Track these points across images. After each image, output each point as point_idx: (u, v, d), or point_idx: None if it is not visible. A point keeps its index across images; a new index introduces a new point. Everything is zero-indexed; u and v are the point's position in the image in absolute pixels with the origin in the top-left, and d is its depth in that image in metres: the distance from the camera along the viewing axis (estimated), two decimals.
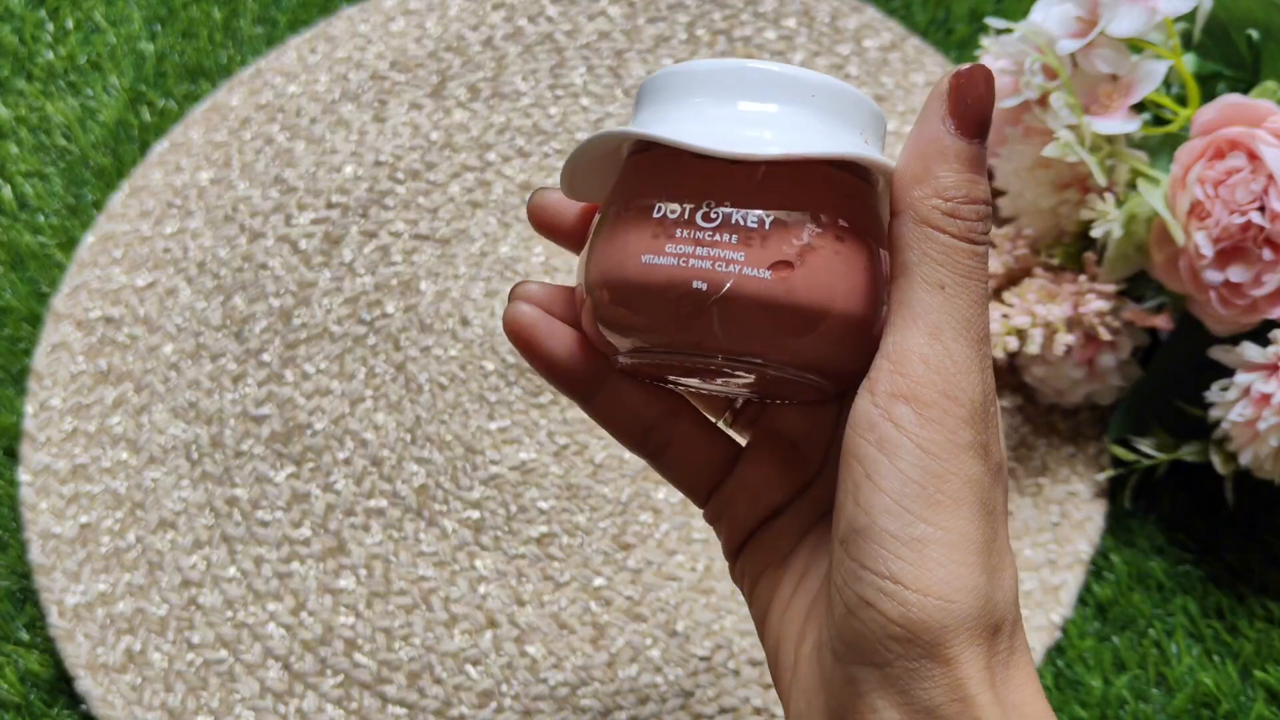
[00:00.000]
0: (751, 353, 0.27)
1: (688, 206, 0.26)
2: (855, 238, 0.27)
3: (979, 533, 0.26)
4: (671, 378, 0.30)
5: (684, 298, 0.26)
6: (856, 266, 0.27)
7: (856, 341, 0.27)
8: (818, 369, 0.27)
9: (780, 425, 0.33)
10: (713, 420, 0.34)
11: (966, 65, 0.27)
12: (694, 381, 0.30)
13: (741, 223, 0.26)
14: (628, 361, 0.29)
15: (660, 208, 0.27)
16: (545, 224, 0.32)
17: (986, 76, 0.27)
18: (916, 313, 0.26)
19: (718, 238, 0.26)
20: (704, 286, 0.26)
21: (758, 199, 0.26)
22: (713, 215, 0.26)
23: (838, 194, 0.27)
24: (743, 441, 0.34)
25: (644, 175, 0.28)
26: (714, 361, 0.27)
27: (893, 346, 0.26)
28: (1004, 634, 0.27)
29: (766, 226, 0.26)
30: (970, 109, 0.26)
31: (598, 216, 0.29)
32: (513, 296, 0.31)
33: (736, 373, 0.28)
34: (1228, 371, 0.50)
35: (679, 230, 0.26)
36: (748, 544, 0.33)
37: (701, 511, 0.34)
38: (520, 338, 0.30)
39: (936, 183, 0.26)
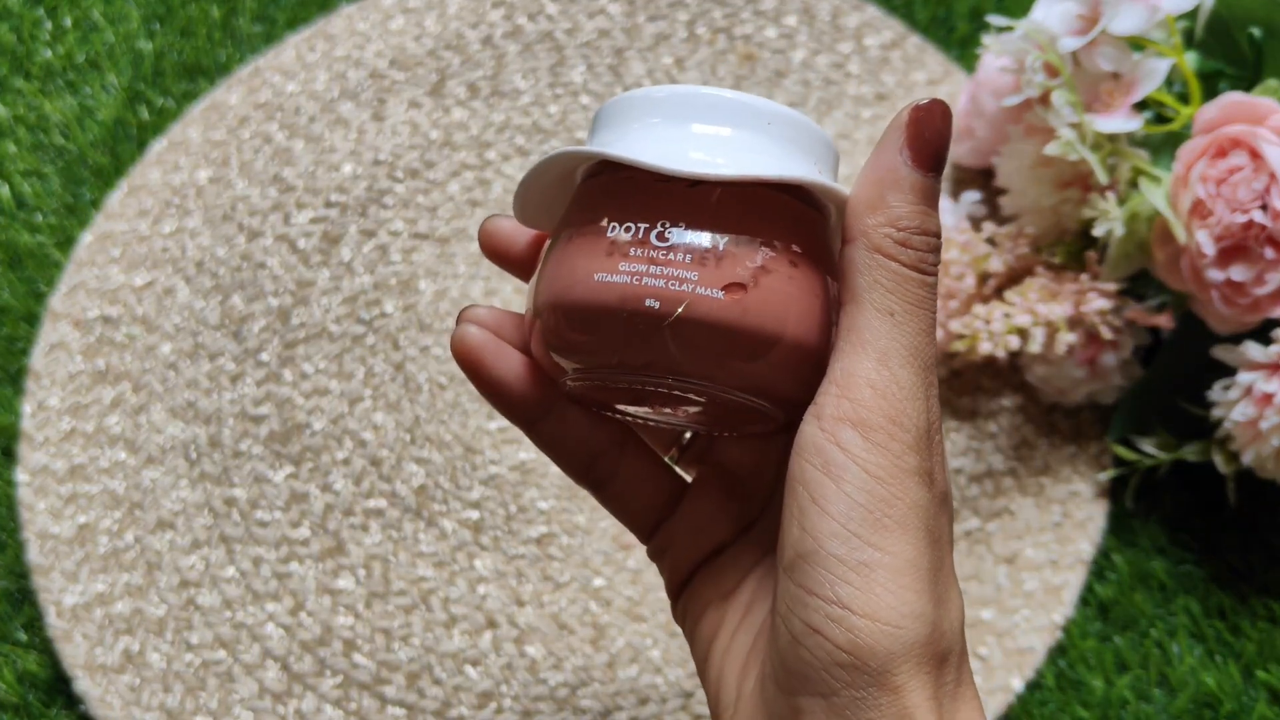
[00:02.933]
0: (703, 375, 0.26)
1: (642, 226, 0.26)
2: (809, 264, 0.27)
3: (925, 559, 0.26)
4: (619, 406, 0.30)
5: (636, 315, 0.26)
6: (809, 293, 0.27)
7: (807, 369, 0.27)
8: (768, 394, 0.27)
9: (727, 461, 0.33)
10: (660, 455, 0.34)
11: (926, 100, 0.27)
12: (642, 410, 0.30)
13: (696, 243, 0.26)
14: (576, 384, 0.29)
15: (615, 227, 0.27)
16: (496, 252, 0.32)
17: (944, 112, 0.27)
18: (865, 338, 0.26)
19: (672, 257, 0.26)
20: (656, 305, 0.26)
21: (712, 221, 0.26)
22: (667, 235, 0.26)
23: (791, 220, 0.27)
24: (689, 478, 0.34)
25: (599, 197, 0.28)
26: (664, 383, 0.27)
27: (840, 372, 0.26)
28: (951, 665, 0.26)
29: (720, 248, 0.26)
30: (928, 143, 0.27)
31: (549, 241, 0.29)
32: (460, 319, 0.30)
33: (687, 397, 0.28)
34: (1230, 371, 0.50)
35: (633, 249, 0.26)
36: (691, 581, 0.32)
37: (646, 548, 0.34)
38: (467, 360, 0.30)
39: (890, 211, 0.26)
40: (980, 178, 0.61)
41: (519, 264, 0.32)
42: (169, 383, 0.59)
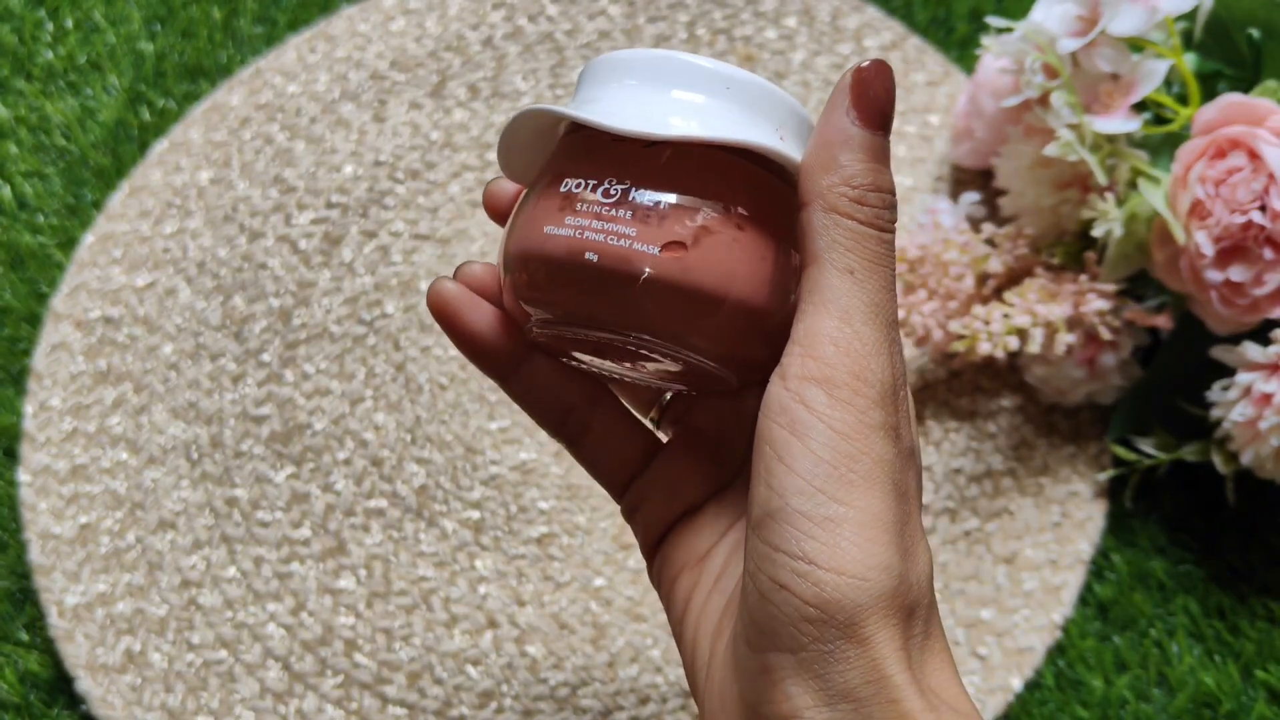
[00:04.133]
0: (648, 330, 0.27)
1: (591, 182, 0.27)
2: (757, 228, 0.27)
3: (891, 513, 0.26)
4: (584, 357, 0.31)
5: (578, 269, 0.27)
6: (756, 256, 0.27)
7: (754, 330, 0.27)
8: (713, 355, 0.28)
9: (702, 424, 0.33)
10: (638, 415, 0.34)
11: (868, 60, 0.27)
12: (608, 364, 0.31)
13: (639, 200, 0.27)
14: (539, 332, 0.29)
15: (568, 183, 0.27)
16: (498, 211, 0.33)
17: (886, 70, 0.27)
18: (826, 298, 0.27)
19: (615, 213, 0.27)
20: (595, 258, 0.26)
21: (658, 180, 0.27)
22: (613, 191, 0.27)
23: (743, 184, 0.28)
24: (665, 439, 0.34)
25: (567, 154, 0.29)
26: (617, 338, 0.28)
27: (803, 332, 0.27)
28: (919, 617, 0.27)
29: (663, 206, 0.27)
30: (873, 100, 0.27)
31: (523, 195, 0.30)
32: (455, 275, 0.31)
33: (642, 353, 0.28)
34: (1229, 371, 0.50)
35: (580, 204, 0.27)
36: (664, 542, 0.33)
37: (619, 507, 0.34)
38: (441, 312, 0.31)
39: (843, 171, 0.27)
40: (979, 178, 0.61)
41: None
42: (170, 383, 0.59)
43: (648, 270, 0.26)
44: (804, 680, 0.25)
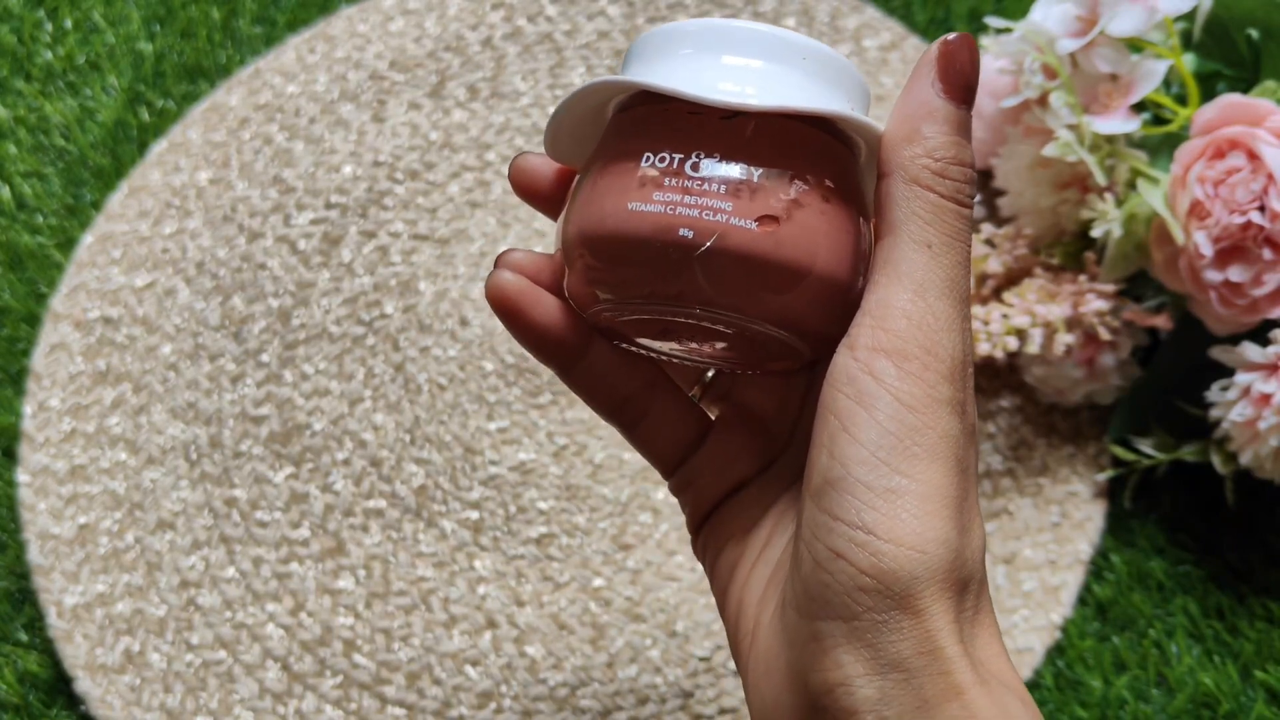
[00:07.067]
0: (733, 306, 0.27)
1: (677, 156, 0.26)
2: (840, 200, 0.27)
3: (953, 488, 0.26)
4: (645, 341, 0.30)
5: (670, 245, 0.26)
6: (840, 228, 0.27)
7: (834, 303, 0.27)
8: (795, 327, 0.27)
9: (750, 401, 0.33)
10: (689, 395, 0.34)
11: (953, 34, 0.27)
12: (669, 345, 0.30)
13: (730, 174, 0.26)
14: (606, 316, 0.29)
15: (649, 157, 0.27)
16: (526, 187, 0.32)
17: (972, 44, 0.27)
18: (902, 270, 0.27)
19: (706, 187, 0.26)
20: (690, 234, 0.26)
21: (747, 153, 0.26)
22: (701, 165, 0.26)
23: (824, 155, 0.27)
24: (711, 416, 0.34)
25: (632, 129, 0.28)
26: (694, 314, 0.27)
27: (875, 303, 0.27)
28: (971, 592, 0.27)
29: (755, 179, 0.26)
30: (959, 74, 0.27)
31: (579, 175, 0.29)
32: (498, 264, 0.30)
33: (714, 329, 0.28)
34: (1228, 371, 0.50)
35: (667, 179, 0.26)
36: (712, 517, 0.33)
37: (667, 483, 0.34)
38: (505, 306, 0.30)
39: (926, 143, 0.27)
40: (979, 178, 0.61)
41: (547, 199, 0.32)
42: (170, 383, 0.59)
43: (742, 246, 0.26)
44: (855, 649, 0.26)
